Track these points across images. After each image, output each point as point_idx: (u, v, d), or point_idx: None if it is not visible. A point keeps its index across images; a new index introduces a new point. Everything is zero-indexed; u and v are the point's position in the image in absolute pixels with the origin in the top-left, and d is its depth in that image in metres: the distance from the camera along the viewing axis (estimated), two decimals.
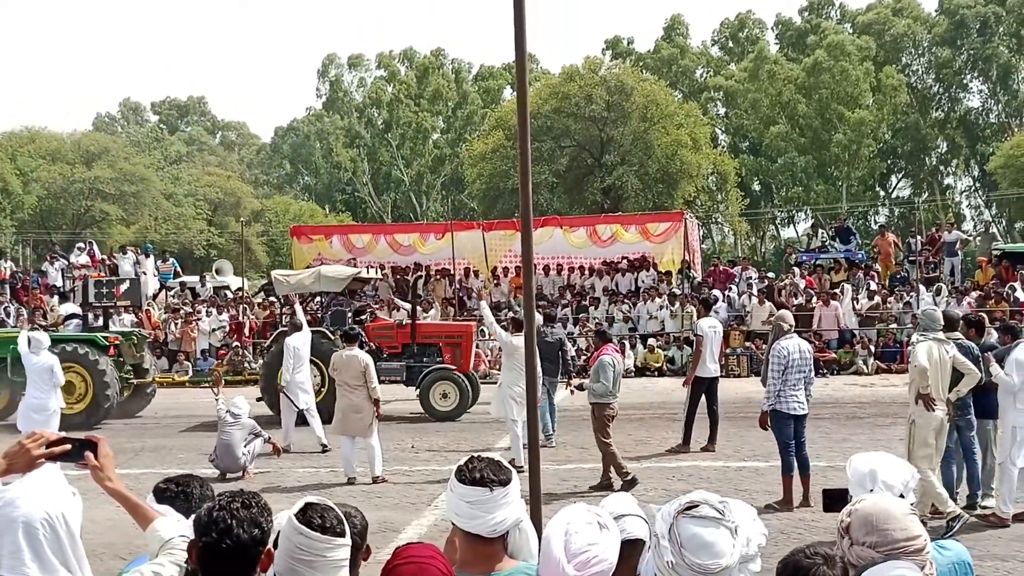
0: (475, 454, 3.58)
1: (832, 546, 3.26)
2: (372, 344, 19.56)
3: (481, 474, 3.42)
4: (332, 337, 18.39)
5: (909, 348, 12.85)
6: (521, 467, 12.99)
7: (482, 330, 21.56)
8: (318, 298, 22.16)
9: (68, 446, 3.37)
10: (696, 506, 2.92)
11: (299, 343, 16.03)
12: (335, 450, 14.79)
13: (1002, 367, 10.18)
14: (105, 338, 19.56)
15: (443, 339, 20.18)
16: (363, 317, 20.96)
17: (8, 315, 28.77)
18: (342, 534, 3.12)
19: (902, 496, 3.67)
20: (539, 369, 14.08)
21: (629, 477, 12.23)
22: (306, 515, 3.09)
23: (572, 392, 15.26)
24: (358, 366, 13.28)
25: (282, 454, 14.90)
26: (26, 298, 30.61)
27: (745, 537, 3.11)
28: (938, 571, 3.21)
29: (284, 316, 22.71)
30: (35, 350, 13.97)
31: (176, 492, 3.79)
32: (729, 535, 2.92)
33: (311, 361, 16.96)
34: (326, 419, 14.91)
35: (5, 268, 34.13)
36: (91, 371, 19.14)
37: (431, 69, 70.07)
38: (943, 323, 10.33)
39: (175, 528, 3.44)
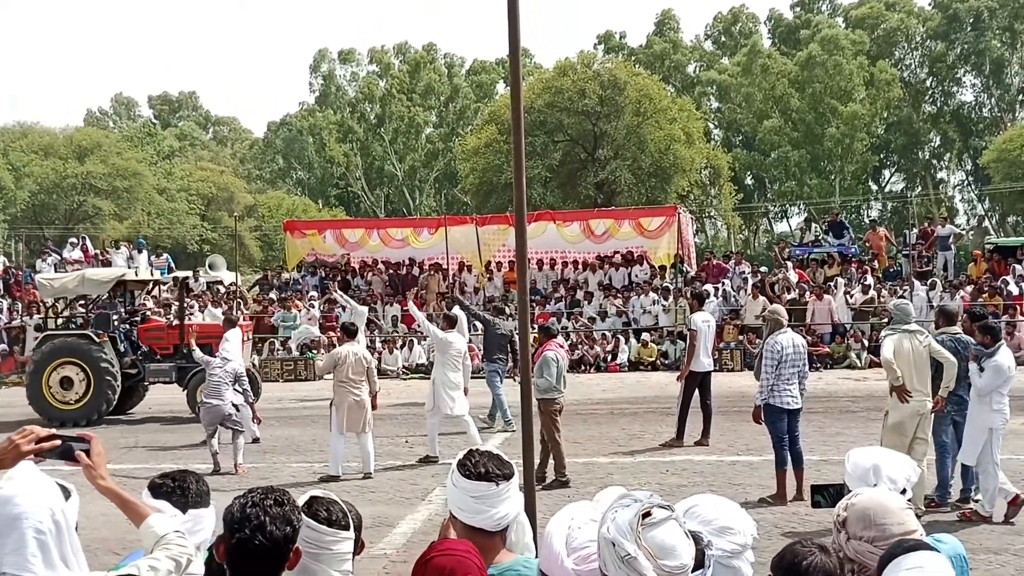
0: (473, 448, 3.57)
1: (827, 538, 3.26)
2: (144, 346, 20.16)
3: (486, 469, 3.42)
4: (97, 340, 19.20)
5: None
6: (436, 458, 13.90)
7: (416, 328, 21.57)
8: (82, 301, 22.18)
9: (58, 443, 3.34)
10: (649, 513, 2.85)
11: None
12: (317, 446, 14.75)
13: (980, 368, 10.14)
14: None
15: (215, 339, 20.17)
16: (136, 319, 21.18)
17: (1, 311, 28.69)
18: (347, 527, 3.15)
19: (904, 491, 3.67)
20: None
21: (565, 479, 12.24)
22: (312, 508, 3.12)
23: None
24: (362, 361, 13.25)
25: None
26: (19, 293, 30.52)
27: (741, 528, 3.17)
28: None
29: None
30: None
31: (172, 487, 3.76)
32: (679, 526, 2.87)
33: (73, 362, 18.50)
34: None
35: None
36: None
37: (423, 64, 69.99)
38: (914, 316, 10.58)
39: (170, 524, 3.42)
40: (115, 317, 20.28)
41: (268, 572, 2.90)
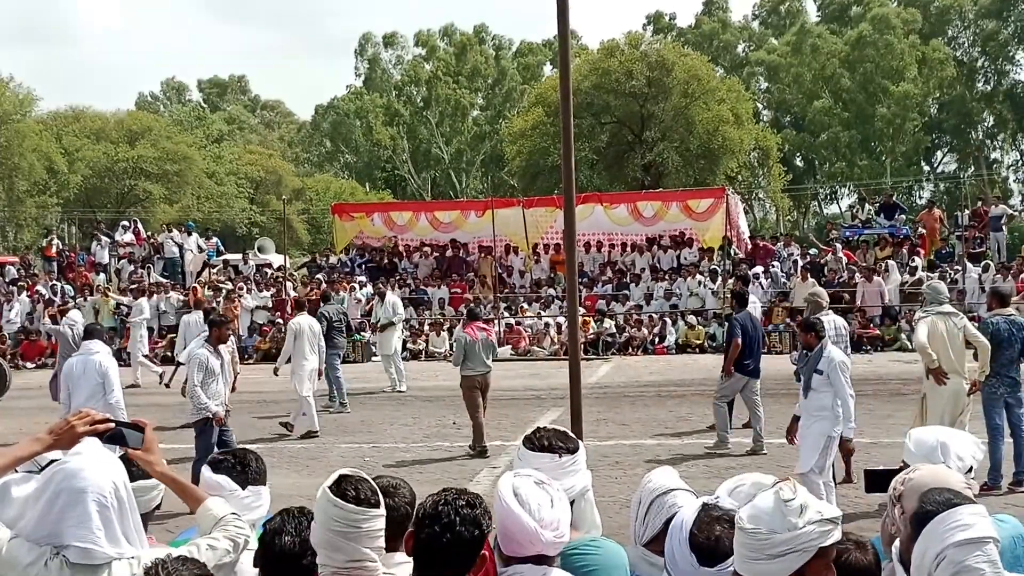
0: (541, 425, 3.62)
1: (879, 519, 3.23)
2: None
3: (549, 441, 3.52)
4: None
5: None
6: (316, 433, 14.99)
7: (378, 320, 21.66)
8: None
9: (112, 425, 3.42)
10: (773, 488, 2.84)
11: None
12: (369, 428, 14.90)
13: None
14: None
15: None
16: None
17: (56, 293, 29.14)
18: (376, 505, 3.14)
19: (971, 469, 3.64)
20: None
21: (479, 450, 13.35)
22: (340, 487, 3.12)
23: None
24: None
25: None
26: (71, 275, 30.99)
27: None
28: None
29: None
30: None
31: (233, 463, 3.87)
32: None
33: None
34: None
35: (53, 246, 34.62)
36: None
37: (470, 46, 69.91)
38: (949, 296, 10.35)
39: (226, 507, 3.51)
40: None
41: (455, 570, 2.92)
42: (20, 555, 3.07)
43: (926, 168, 64.03)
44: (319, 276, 30.38)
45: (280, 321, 27.31)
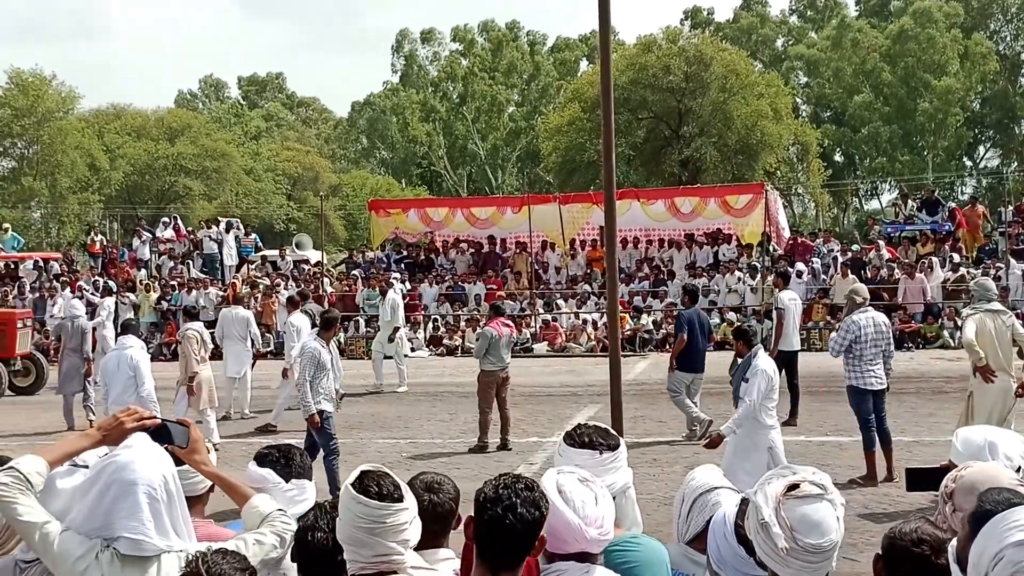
0: (583, 421, 3.61)
1: (931, 515, 3.17)
2: None
3: (590, 438, 3.52)
4: None
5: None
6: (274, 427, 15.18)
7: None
8: None
9: (158, 422, 3.45)
10: (798, 486, 2.87)
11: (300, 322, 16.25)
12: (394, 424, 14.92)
13: None
14: None
15: None
16: None
17: (98, 288, 29.43)
18: (399, 499, 3.13)
19: (1020, 468, 3.57)
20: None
21: (480, 445, 13.52)
22: (362, 483, 3.12)
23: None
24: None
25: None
26: (113, 271, 31.29)
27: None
28: None
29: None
30: None
31: (277, 457, 3.94)
32: (831, 508, 2.88)
33: None
34: None
35: (96, 242, 35.00)
36: None
37: (505, 41, 69.90)
38: (997, 293, 10.18)
39: (272, 504, 3.55)
40: None
41: (514, 553, 2.94)
42: (71, 548, 3.10)
43: (968, 164, 63.29)
44: (355, 272, 30.55)
45: None
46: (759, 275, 26.26)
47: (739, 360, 9.60)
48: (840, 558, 3.12)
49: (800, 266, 26.26)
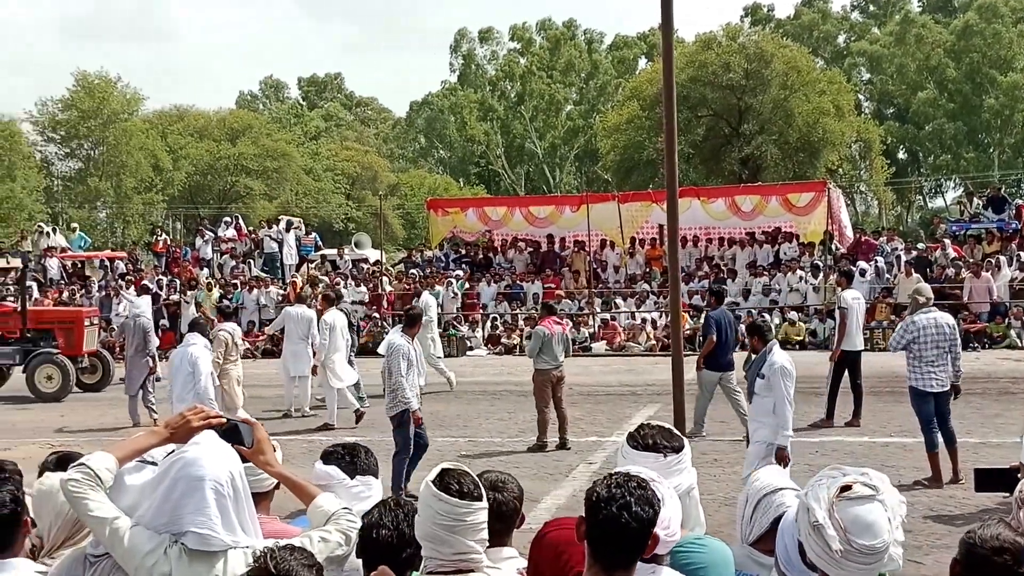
0: (646, 421, 3.57)
1: (1007, 517, 3.10)
2: None
3: (654, 440, 3.46)
4: None
5: None
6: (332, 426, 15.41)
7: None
8: None
9: (224, 421, 3.48)
10: (850, 487, 2.86)
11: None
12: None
13: None
14: None
15: (56, 324, 21.01)
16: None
17: (161, 287, 29.88)
18: (479, 498, 3.17)
19: None
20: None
21: (540, 444, 13.45)
22: (443, 481, 3.15)
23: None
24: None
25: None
26: (176, 270, 31.74)
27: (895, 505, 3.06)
28: None
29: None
30: None
31: (342, 454, 3.99)
32: (883, 508, 2.86)
33: None
34: None
35: (161, 241, 35.59)
36: None
37: (563, 40, 69.82)
38: None
39: (337, 503, 3.58)
40: None
41: (630, 552, 2.94)
42: (140, 543, 3.15)
43: None
44: (413, 271, 30.69)
45: (377, 316, 27.63)
46: (821, 274, 25.97)
47: (754, 356, 9.43)
48: (905, 560, 3.08)
49: (863, 265, 25.88)
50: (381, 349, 12.33)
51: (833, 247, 27.75)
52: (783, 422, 8.85)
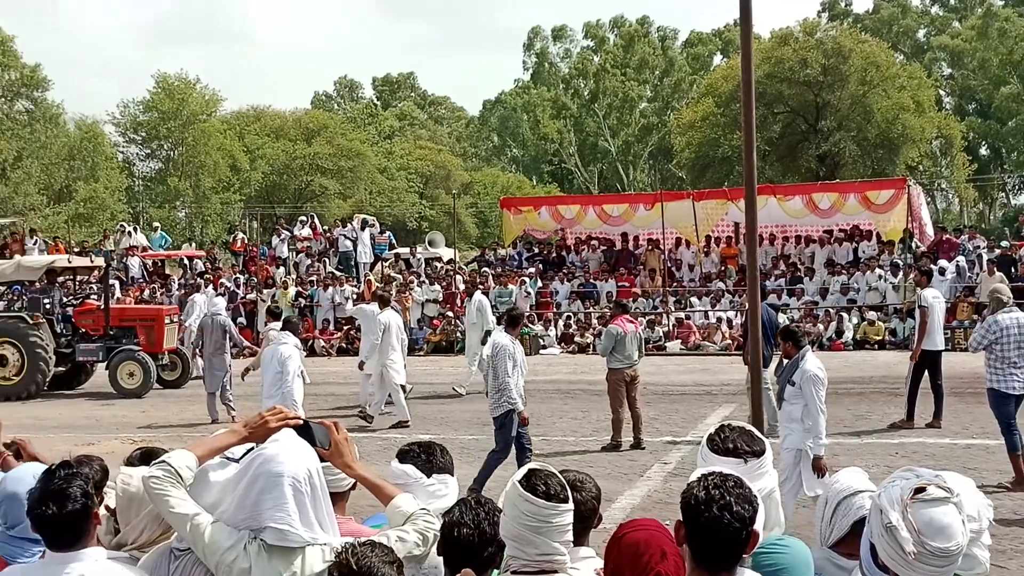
0: (725, 423, 3.51)
1: None
2: (80, 327, 21.27)
3: (734, 444, 3.40)
4: (29, 321, 20.41)
5: None
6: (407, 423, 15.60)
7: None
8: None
9: (301, 421, 3.52)
10: (924, 489, 2.82)
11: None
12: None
13: None
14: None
15: (138, 322, 21.27)
16: (75, 302, 22.35)
17: (239, 285, 30.34)
18: (565, 500, 3.17)
19: None
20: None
21: (614, 443, 13.42)
22: (530, 482, 3.16)
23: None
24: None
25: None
26: (253, 269, 32.21)
27: (975, 510, 3.04)
28: None
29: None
30: None
31: (418, 453, 4.00)
32: (957, 511, 2.82)
33: (8, 342, 20.21)
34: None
35: (238, 240, 36.16)
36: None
37: (637, 37, 69.50)
38: None
39: (415, 504, 3.60)
40: (46, 301, 21.36)
41: (734, 552, 2.93)
42: (221, 539, 3.20)
43: None
44: (486, 270, 30.77)
45: (451, 314, 27.75)
46: (901, 273, 25.51)
47: (785, 362, 9.27)
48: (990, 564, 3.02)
49: (944, 263, 25.37)
50: (485, 351, 12.16)
51: (913, 245, 27.22)
52: (816, 430, 8.65)
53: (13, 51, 51.66)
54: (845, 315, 25.49)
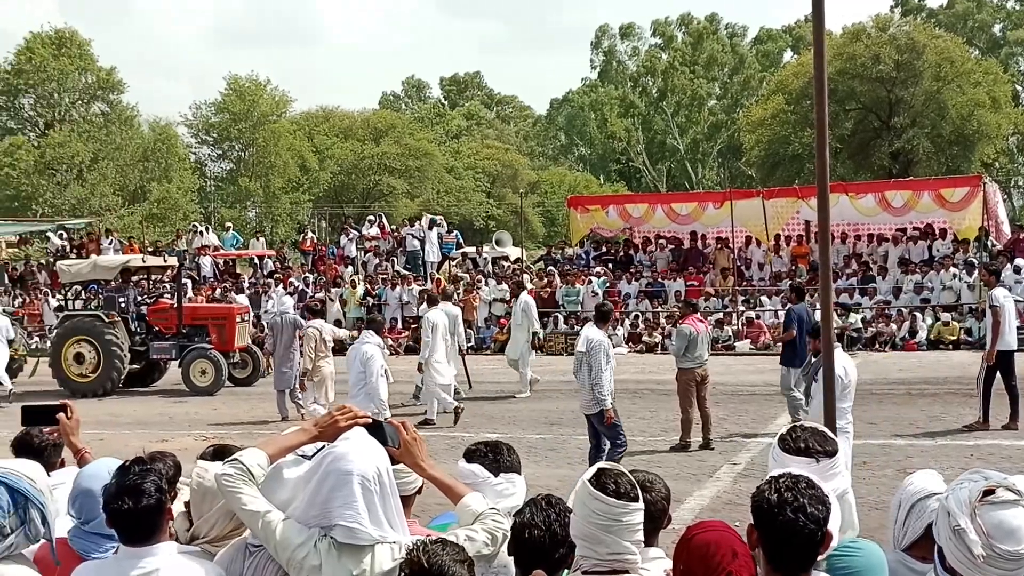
0: (797, 423, 3.49)
1: None
2: (154, 326, 21.69)
3: (806, 444, 3.38)
4: (105, 319, 20.71)
5: None
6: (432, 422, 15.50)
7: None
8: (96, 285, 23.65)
9: (370, 420, 3.55)
10: (993, 491, 2.80)
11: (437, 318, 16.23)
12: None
13: None
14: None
15: (210, 320, 21.50)
16: (149, 301, 22.65)
17: (308, 284, 30.68)
18: (635, 499, 3.18)
19: None
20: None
21: (683, 444, 13.26)
22: (600, 481, 3.17)
23: None
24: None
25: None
26: (322, 268, 32.56)
27: None
28: None
29: None
30: None
31: (485, 452, 4.02)
32: None
33: (85, 339, 20.47)
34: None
35: (308, 240, 36.58)
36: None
37: (706, 34, 69.00)
38: None
39: (484, 503, 3.62)
40: (121, 300, 21.61)
41: (809, 554, 2.93)
42: (291, 536, 3.24)
43: None
44: (551, 268, 30.75)
45: None
46: (976, 272, 25.00)
47: (814, 359, 9.23)
48: None
49: (1021, 262, 24.82)
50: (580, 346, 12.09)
51: (989, 243, 26.67)
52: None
53: (89, 55, 52.89)
54: (919, 315, 25.06)
